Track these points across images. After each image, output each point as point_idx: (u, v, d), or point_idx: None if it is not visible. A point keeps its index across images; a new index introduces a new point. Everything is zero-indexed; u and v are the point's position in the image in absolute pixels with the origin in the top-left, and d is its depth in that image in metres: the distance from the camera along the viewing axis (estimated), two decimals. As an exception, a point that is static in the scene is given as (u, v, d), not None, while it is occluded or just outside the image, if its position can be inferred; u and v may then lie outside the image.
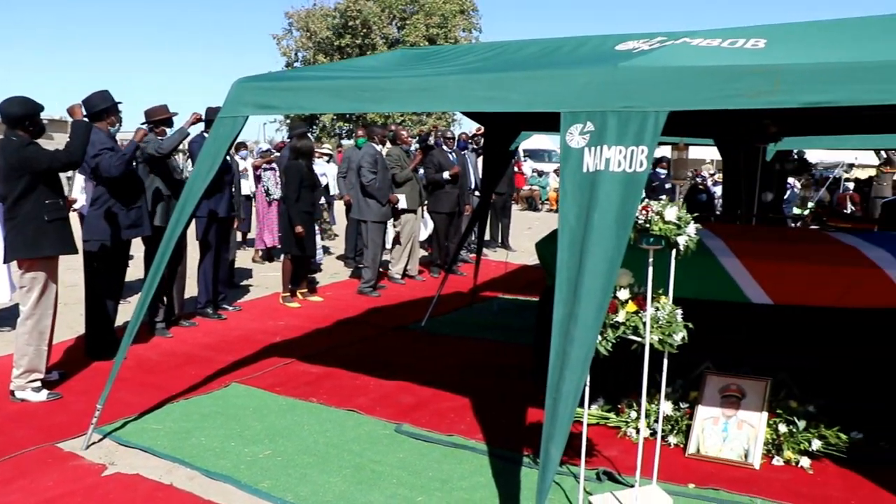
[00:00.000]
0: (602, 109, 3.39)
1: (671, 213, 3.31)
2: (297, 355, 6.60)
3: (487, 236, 14.26)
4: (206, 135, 7.20)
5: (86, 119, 5.68)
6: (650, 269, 3.49)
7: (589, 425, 4.93)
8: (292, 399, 5.53)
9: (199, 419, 5.10)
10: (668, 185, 11.75)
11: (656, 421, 4.49)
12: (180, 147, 7.07)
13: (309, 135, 9.07)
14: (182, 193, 4.86)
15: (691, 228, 3.36)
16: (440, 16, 38.44)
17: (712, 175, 23.36)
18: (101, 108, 6.21)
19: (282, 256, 9.18)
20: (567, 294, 3.29)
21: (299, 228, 8.33)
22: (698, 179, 16.10)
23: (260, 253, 11.82)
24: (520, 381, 5.83)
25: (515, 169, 19.33)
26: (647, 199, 3.54)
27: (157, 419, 5.09)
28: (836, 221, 6.72)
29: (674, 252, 3.45)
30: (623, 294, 3.49)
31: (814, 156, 20.06)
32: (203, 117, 7.04)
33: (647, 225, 3.34)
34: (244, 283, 10.14)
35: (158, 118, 7.15)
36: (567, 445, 4.27)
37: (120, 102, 6.34)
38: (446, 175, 10.34)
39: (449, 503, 3.99)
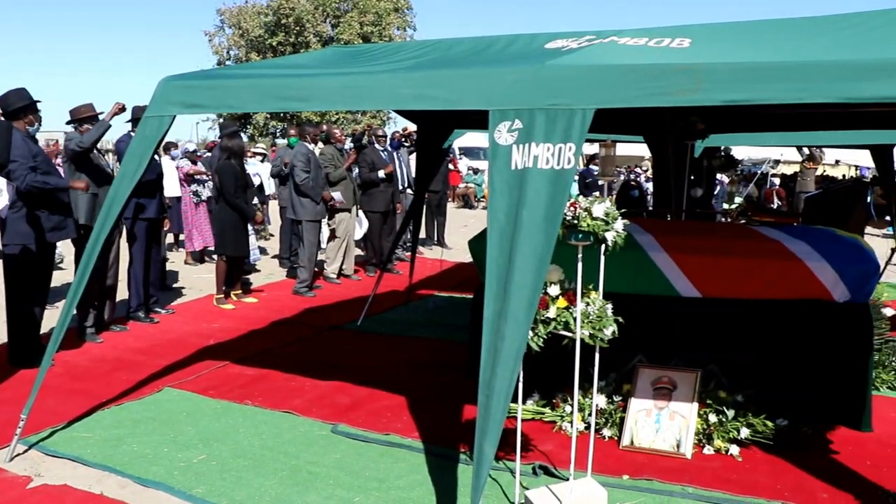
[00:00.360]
0: (530, 107, 3.42)
1: (599, 209, 3.35)
2: (232, 358, 6.51)
3: (423, 234, 14.28)
4: (133, 134, 7.04)
5: (2, 119, 5.50)
6: (580, 265, 3.54)
7: (524, 420, 5.00)
8: (227, 402, 5.45)
9: (131, 425, 4.99)
10: (601, 182, 11.87)
11: (591, 414, 4.56)
12: (109, 147, 6.92)
13: (240, 134, 8.94)
14: (108, 194, 4.75)
15: (619, 224, 3.41)
16: (374, 14, 38.33)
17: (645, 171, 23.81)
18: (18, 106, 6.00)
19: (215, 258, 9.04)
20: (497, 291, 3.31)
21: (259, 216, 8.28)
22: (632, 176, 16.43)
23: (192, 255, 11.63)
24: (455, 378, 5.86)
25: (451, 166, 19.39)
26: (579, 196, 3.59)
27: (87, 427, 4.96)
28: (761, 216, 6.92)
29: (602, 248, 3.50)
30: (553, 290, 3.52)
31: (741, 152, 20.59)
32: (125, 107, 6.88)
33: (576, 221, 3.38)
34: (177, 285, 9.96)
35: (83, 116, 6.97)
36: (503, 441, 4.30)
37: (38, 101, 6.15)
38: (381, 174, 10.31)
39: (386, 502, 3.98)
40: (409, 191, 11.42)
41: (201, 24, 76.69)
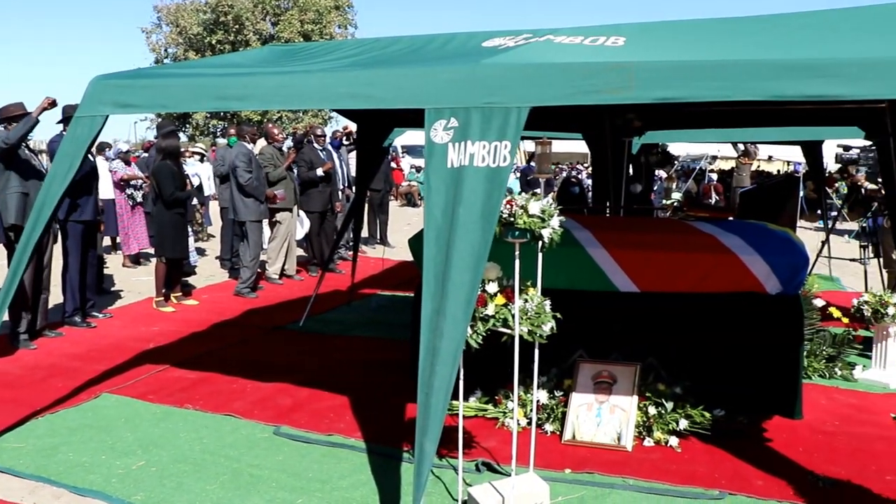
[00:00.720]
0: (465, 106, 3.44)
1: (535, 206, 3.38)
2: (172, 361, 6.40)
3: (366, 233, 14.24)
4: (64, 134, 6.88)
5: None
6: (517, 262, 3.57)
7: (467, 417, 5.03)
8: (166, 406, 5.36)
9: (67, 434, 4.87)
10: (541, 179, 12.01)
11: (533, 410, 4.60)
12: (42, 147, 6.74)
13: (177, 134, 8.79)
14: (38, 195, 4.64)
15: (555, 221, 3.44)
16: (315, 12, 38.00)
17: (587, 168, 24.10)
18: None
19: (153, 260, 8.89)
20: (435, 289, 3.33)
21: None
22: (573, 173, 16.61)
23: (129, 258, 11.41)
24: (398, 376, 5.85)
25: (393, 165, 19.36)
26: (521, 193, 3.62)
27: (19, 437, 4.82)
28: (696, 211, 7.09)
29: (539, 244, 3.53)
30: (492, 287, 3.54)
31: (680, 148, 20.98)
32: (55, 102, 6.70)
33: (512, 219, 3.41)
34: (114, 289, 9.76)
35: (13, 115, 6.78)
36: (446, 438, 4.34)
37: None
38: (319, 172, 10.24)
39: (329, 503, 3.97)
40: (349, 190, 11.37)
41: (138, 21, 74.82)
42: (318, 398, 5.51)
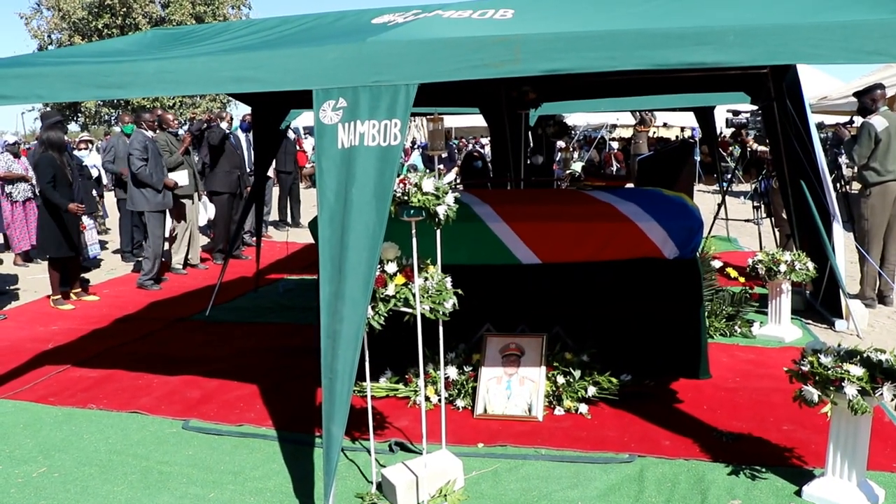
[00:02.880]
0: (353, 85, 3.40)
1: (429, 184, 3.37)
2: (73, 361, 6.17)
3: (277, 216, 14.06)
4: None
5: None
6: (414, 241, 3.55)
7: (378, 398, 5.02)
8: (69, 408, 5.16)
9: (-41, 446, 4.65)
10: (443, 155, 12.02)
11: (444, 387, 4.62)
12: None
13: (62, 124, 8.40)
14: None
15: (450, 198, 3.44)
16: (207, -8, 36.85)
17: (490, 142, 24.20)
18: None
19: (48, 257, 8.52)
20: (332, 272, 3.29)
21: (72, 206, 7.75)
22: (477, 147, 16.69)
23: (21, 255, 10.93)
24: (309, 361, 5.78)
25: (297, 147, 19.04)
26: (426, 170, 3.60)
27: None
28: (594, 180, 7.21)
29: (435, 221, 3.52)
30: (390, 267, 3.52)
31: (580, 118, 21.30)
32: None
33: (406, 197, 3.39)
34: (9, 288, 9.34)
35: None
36: (358, 421, 4.33)
37: None
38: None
39: (242, 495, 3.91)
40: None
41: (16, 6, 70.81)
42: (227, 389, 5.41)
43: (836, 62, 3.22)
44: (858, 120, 7.57)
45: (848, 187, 9.84)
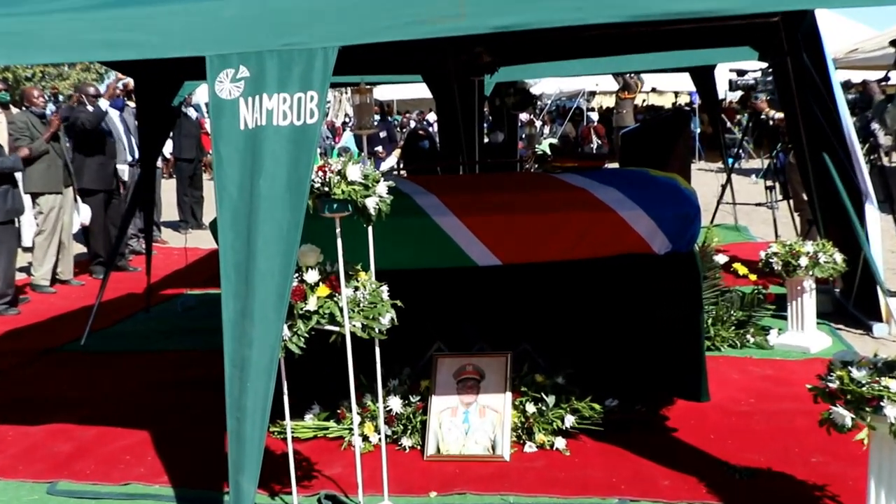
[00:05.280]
0: (257, 49, 3.40)
1: (354, 171, 3.39)
2: None
3: (173, 216, 13.93)
4: None
5: None
6: (339, 242, 3.57)
7: (304, 440, 5.00)
8: None
9: None
10: (382, 135, 12.07)
11: (386, 423, 4.63)
12: None
13: None
14: None
15: (382, 187, 3.46)
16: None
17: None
18: None
19: None
20: (237, 285, 3.29)
21: None
22: (423, 124, 16.66)
23: None
24: (215, 397, 5.69)
25: (200, 128, 18.89)
26: (361, 155, 3.61)
27: None
28: (565, 161, 7.26)
29: (365, 217, 3.54)
30: (311, 276, 3.53)
31: (550, 85, 21.37)
32: None
33: (328, 189, 3.40)
34: None
35: None
36: (278, 471, 4.32)
37: None
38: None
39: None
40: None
41: None
42: (108, 438, 5.33)
43: (865, 2, 3.26)
44: (895, 76, 7.67)
45: (886, 159, 9.94)
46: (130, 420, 5.58)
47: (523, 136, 12.77)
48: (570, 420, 4.88)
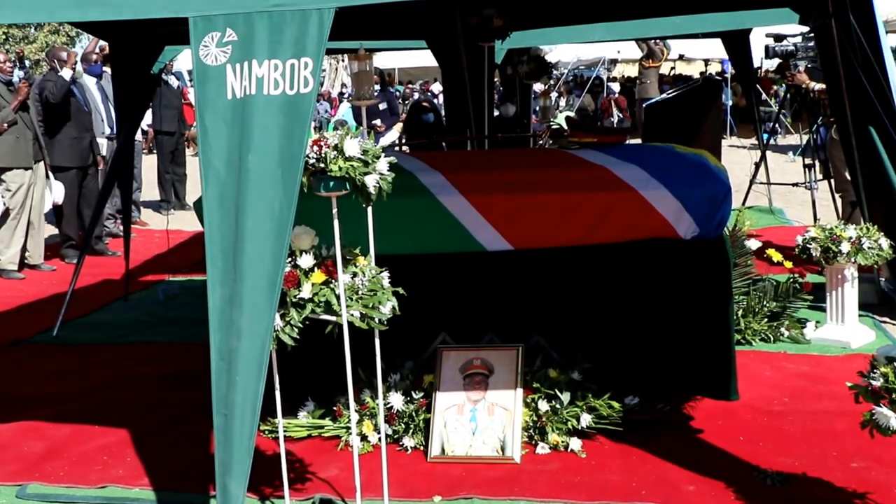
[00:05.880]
0: (245, 10, 3.40)
1: (353, 145, 3.38)
2: None
3: (154, 195, 13.95)
4: None
5: None
6: (336, 224, 3.59)
7: (298, 439, 5.03)
8: None
9: None
10: (381, 107, 12.01)
11: (387, 421, 4.64)
12: None
13: None
14: None
15: (383, 164, 3.46)
16: None
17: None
18: None
19: None
20: (224, 270, 3.30)
21: None
22: (427, 95, 16.64)
23: None
24: (199, 393, 5.74)
25: (183, 99, 18.92)
26: (358, 128, 3.62)
27: None
28: (582, 136, 7.20)
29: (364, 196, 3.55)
30: (305, 261, 3.55)
31: (567, 52, 21.33)
32: None
33: (324, 164, 3.41)
34: None
35: None
36: (269, 473, 4.35)
37: None
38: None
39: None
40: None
41: None
42: (83, 437, 5.36)
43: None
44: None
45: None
46: (108, 417, 5.61)
47: (537, 108, 12.73)
48: (586, 419, 4.89)
